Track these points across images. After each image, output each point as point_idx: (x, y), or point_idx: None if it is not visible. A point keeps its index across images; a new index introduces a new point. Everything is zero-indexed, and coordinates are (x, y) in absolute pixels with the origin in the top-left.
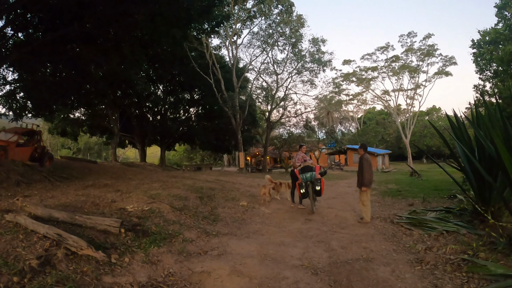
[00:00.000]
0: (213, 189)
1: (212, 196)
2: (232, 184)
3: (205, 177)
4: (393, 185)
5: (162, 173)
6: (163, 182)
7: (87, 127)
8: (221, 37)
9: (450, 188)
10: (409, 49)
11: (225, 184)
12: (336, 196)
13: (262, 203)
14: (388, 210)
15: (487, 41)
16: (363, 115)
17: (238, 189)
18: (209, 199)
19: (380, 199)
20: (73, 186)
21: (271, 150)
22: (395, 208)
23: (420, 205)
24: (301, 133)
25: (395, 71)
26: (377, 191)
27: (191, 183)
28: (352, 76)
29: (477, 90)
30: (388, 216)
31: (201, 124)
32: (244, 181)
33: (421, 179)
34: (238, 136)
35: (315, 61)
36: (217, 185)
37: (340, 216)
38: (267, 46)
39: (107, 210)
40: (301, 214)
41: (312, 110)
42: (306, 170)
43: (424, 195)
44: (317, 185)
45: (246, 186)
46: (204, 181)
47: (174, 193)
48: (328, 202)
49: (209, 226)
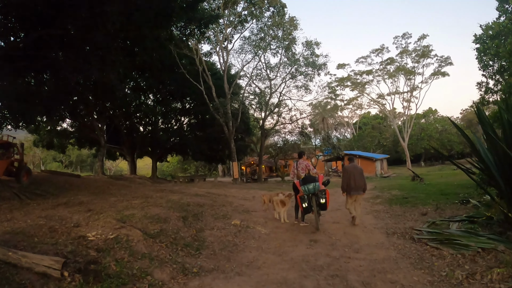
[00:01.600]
0: (201, 205)
1: (199, 214)
2: (224, 197)
3: (196, 190)
4: (397, 191)
5: (150, 187)
6: (146, 198)
7: (75, 139)
8: (212, 42)
9: (456, 192)
10: (404, 51)
11: (217, 198)
12: (340, 207)
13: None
14: (402, 222)
15: (490, 35)
16: (358, 120)
17: (231, 203)
18: (195, 218)
19: (388, 208)
20: (43, 204)
21: (266, 159)
22: (408, 219)
23: (434, 214)
24: (296, 140)
25: (390, 73)
26: (381, 198)
27: (177, 198)
28: (347, 81)
29: (480, 88)
30: (405, 231)
31: (193, 134)
32: (238, 194)
33: (424, 183)
34: (231, 145)
35: (309, 64)
36: (207, 199)
37: (350, 234)
38: (259, 50)
39: (63, 239)
40: (304, 234)
41: (307, 116)
42: (308, 181)
43: (436, 202)
44: (322, 197)
45: (240, 200)
46: (193, 195)
47: (152, 213)
48: (333, 216)
49: (190, 259)
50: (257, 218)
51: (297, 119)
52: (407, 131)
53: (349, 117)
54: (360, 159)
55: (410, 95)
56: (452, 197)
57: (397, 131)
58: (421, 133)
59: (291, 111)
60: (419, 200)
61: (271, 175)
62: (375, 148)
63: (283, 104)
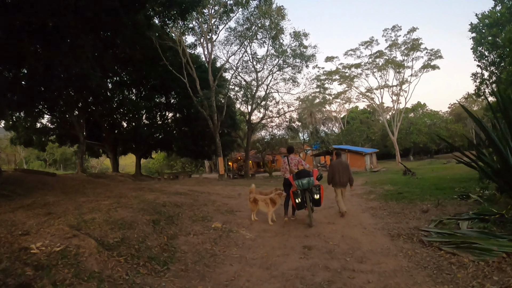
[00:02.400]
0: (179, 205)
1: (174, 216)
2: (207, 195)
3: (177, 188)
4: (389, 185)
5: (129, 185)
6: (119, 198)
7: (56, 136)
8: (196, 34)
9: (451, 186)
10: (394, 44)
11: (198, 197)
12: (333, 204)
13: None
14: (403, 221)
15: (487, 24)
16: (346, 114)
17: (214, 202)
18: (168, 222)
19: (385, 205)
20: (4, 207)
21: (254, 154)
22: (409, 217)
23: (436, 211)
24: (284, 134)
25: (380, 67)
26: (375, 194)
27: (153, 197)
28: (335, 74)
29: (475, 79)
30: (410, 232)
31: (178, 129)
32: (223, 191)
33: (416, 177)
34: (216, 139)
35: (297, 56)
36: (187, 198)
37: (348, 237)
38: (245, 40)
39: (1, 251)
40: (296, 238)
41: (296, 109)
42: (302, 175)
43: (437, 198)
44: (316, 193)
45: (224, 197)
46: (172, 193)
47: (117, 216)
48: (326, 214)
49: (153, 279)
50: (241, 219)
51: (284, 112)
52: (397, 125)
53: (337, 112)
54: (349, 154)
55: (400, 88)
56: (449, 191)
57: (386, 125)
58: (410, 127)
59: (278, 104)
60: (415, 196)
61: (259, 170)
62: (364, 143)
63: (270, 97)
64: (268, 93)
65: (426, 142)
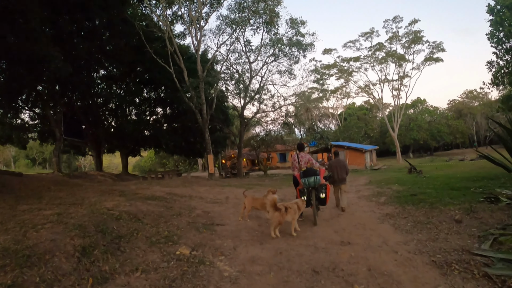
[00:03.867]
0: (141, 218)
1: (125, 238)
2: (187, 200)
3: (155, 190)
4: (397, 185)
5: (101, 187)
6: (69, 205)
7: (37, 133)
8: (185, 22)
9: (466, 186)
10: (394, 36)
11: (175, 202)
12: (341, 213)
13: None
14: (440, 236)
15: (507, 5)
16: (344, 111)
17: (192, 210)
18: (108, 249)
19: (402, 211)
20: None
21: (248, 152)
22: (443, 231)
23: (470, 219)
24: (279, 130)
25: (380, 60)
26: (385, 195)
27: (111, 205)
28: (333, 68)
29: (490, 68)
30: (460, 258)
31: (168, 125)
32: (208, 193)
33: (423, 176)
34: (205, 135)
35: (294, 44)
36: (158, 205)
37: (378, 271)
38: (238, 27)
39: None
40: (300, 275)
41: (292, 103)
42: (309, 173)
43: (469, 204)
44: (322, 192)
45: (208, 203)
46: (145, 198)
47: (31, 241)
48: (337, 229)
49: None
50: (222, 239)
51: (280, 106)
52: (397, 120)
53: (334, 108)
54: (348, 151)
55: (400, 83)
56: (467, 192)
57: (386, 121)
58: (410, 123)
59: (273, 97)
60: (433, 198)
61: (253, 168)
62: (362, 139)
63: (265, 90)
64: (263, 86)
65: (426, 139)
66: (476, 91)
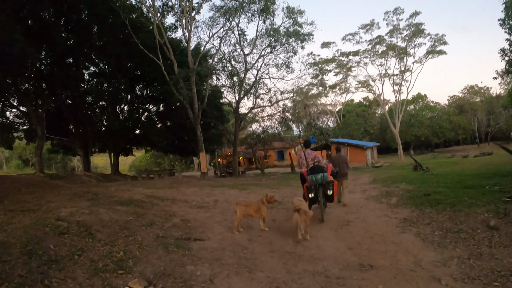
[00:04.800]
0: (95, 230)
1: (55, 262)
2: (167, 204)
3: (134, 193)
4: (405, 184)
5: (77, 189)
6: (21, 212)
7: (24, 132)
8: (177, 14)
9: (479, 183)
10: (395, 29)
11: (153, 207)
12: (349, 213)
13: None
14: (483, 251)
15: None
16: (342, 108)
17: (170, 217)
18: (18, 285)
19: (420, 214)
20: None
21: (245, 150)
22: (482, 242)
23: (505, 225)
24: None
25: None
26: (395, 195)
27: (67, 213)
28: (331, 63)
29: (503, 56)
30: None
31: (161, 123)
32: (195, 196)
33: (430, 173)
34: (197, 131)
35: (291, 35)
36: (128, 212)
37: None
38: (231, 16)
39: None
40: None
41: (290, 97)
42: (316, 170)
43: (504, 207)
44: (329, 189)
45: (192, 207)
46: (119, 202)
47: None
48: (342, 233)
49: None
50: (197, 262)
51: (277, 100)
52: (398, 116)
53: (332, 105)
54: (349, 148)
55: (402, 77)
56: (483, 191)
57: (387, 117)
58: (411, 119)
59: (270, 91)
60: (450, 198)
61: (250, 167)
62: (361, 136)
63: (261, 84)
64: (259, 79)
65: (428, 135)
66: (477, 86)
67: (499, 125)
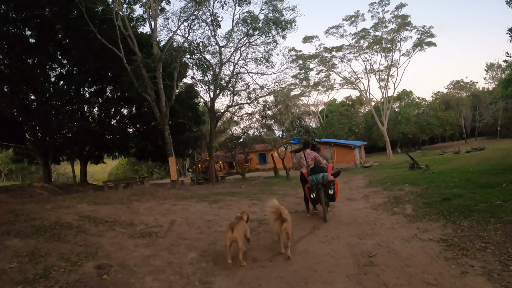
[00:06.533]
0: None
1: None
2: (100, 231)
3: (74, 210)
4: (408, 185)
5: (9, 206)
6: None
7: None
8: (145, 5)
9: (494, 181)
10: (380, 22)
11: (74, 237)
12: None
13: None
14: None
15: None
16: (325, 108)
17: (86, 258)
18: None
19: (459, 230)
20: None
21: (225, 154)
22: None
23: None
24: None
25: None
26: (408, 202)
27: None
28: (314, 59)
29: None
30: None
31: (133, 127)
32: (149, 214)
33: (431, 172)
34: (165, 133)
35: (270, 21)
36: (30, 249)
37: None
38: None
39: None
40: None
41: (270, 92)
42: (316, 171)
43: None
44: (331, 188)
45: (132, 238)
46: (40, 227)
47: None
48: (369, 284)
49: None
50: None
51: (257, 96)
52: (386, 113)
53: (314, 105)
54: (335, 147)
55: (388, 72)
56: (507, 189)
57: (374, 114)
58: (397, 116)
59: (249, 87)
60: (478, 202)
61: (231, 172)
62: (346, 136)
63: (239, 79)
64: (236, 74)
65: (415, 132)
66: (463, 81)
67: (486, 119)
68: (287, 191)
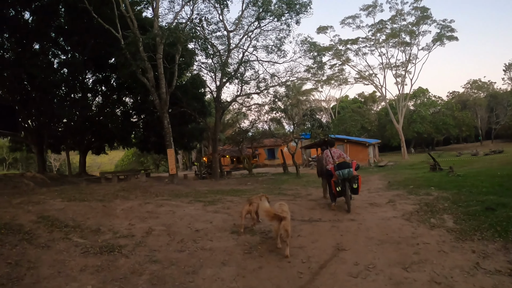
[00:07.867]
0: None
1: None
2: (49, 240)
3: (43, 207)
4: (434, 189)
5: None
6: None
7: None
8: None
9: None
10: (399, 13)
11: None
12: (405, 263)
13: None
14: None
15: None
16: (337, 104)
17: None
18: None
19: None
20: None
21: (232, 148)
22: None
23: None
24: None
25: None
26: (445, 212)
27: None
28: (328, 51)
29: None
30: None
31: (137, 117)
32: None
33: (456, 174)
34: (164, 121)
35: (283, 3)
36: None
37: None
38: None
39: None
40: None
41: (282, 82)
42: (342, 166)
43: None
44: (355, 182)
45: (83, 256)
46: None
47: None
48: None
49: None
50: None
51: (267, 86)
52: (402, 111)
53: (326, 101)
54: (348, 145)
55: (405, 68)
56: None
57: (390, 111)
58: (412, 115)
59: (258, 76)
60: None
61: (238, 167)
62: (358, 133)
63: (248, 67)
64: (245, 62)
65: (431, 131)
66: (480, 81)
67: (504, 122)
68: (297, 190)
